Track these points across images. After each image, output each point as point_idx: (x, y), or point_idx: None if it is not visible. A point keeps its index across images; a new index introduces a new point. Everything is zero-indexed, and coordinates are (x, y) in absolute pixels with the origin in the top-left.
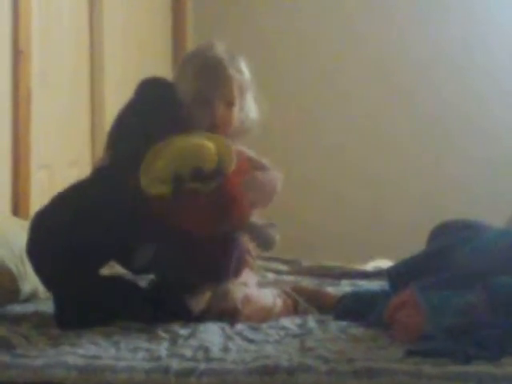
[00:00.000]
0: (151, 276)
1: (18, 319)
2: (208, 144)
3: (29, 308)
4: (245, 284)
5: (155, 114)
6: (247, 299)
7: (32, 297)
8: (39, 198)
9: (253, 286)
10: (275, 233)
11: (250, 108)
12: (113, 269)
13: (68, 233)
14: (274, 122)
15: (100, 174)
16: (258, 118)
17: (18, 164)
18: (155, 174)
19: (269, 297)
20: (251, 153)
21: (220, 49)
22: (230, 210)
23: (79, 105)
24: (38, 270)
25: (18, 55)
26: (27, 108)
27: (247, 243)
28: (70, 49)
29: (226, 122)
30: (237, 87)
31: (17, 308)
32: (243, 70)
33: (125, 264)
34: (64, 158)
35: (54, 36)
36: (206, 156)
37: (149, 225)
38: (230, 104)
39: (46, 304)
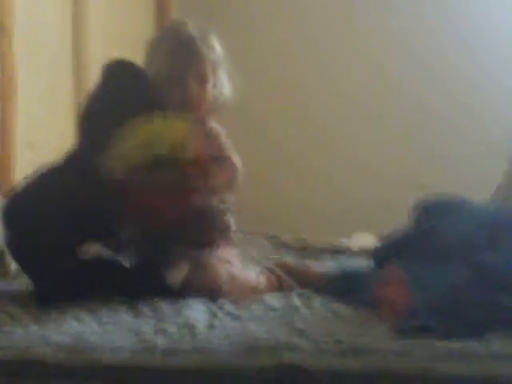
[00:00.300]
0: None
1: (2, 297)
2: (168, 131)
3: (14, 286)
4: (228, 261)
5: (122, 98)
6: (230, 276)
7: (18, 275)
8: (23, 174)
9: (236, 264)
10: (230, 218)
11: (223, 84)
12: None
13: (45, 220)
14: (259, 100)
15: (71, 159)
16: (231, 94)
17: (2, 143)
18: (119, 155)
19: (252, 273)
20: (221, 132)
21: (191, 26)
22: (184, 199)
23: (63, 80)
24: (18, 258)
25: (1, 32)
26: (12, 85)
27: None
28: (53, 24)
29: (199, 99)
30: (209, 64)
31: (2, 285)
32: (215, 47)
33: (105, 243)
34: (48, 134)
35: (37, 12)
36: (165, 144)
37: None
38: (203, 81)
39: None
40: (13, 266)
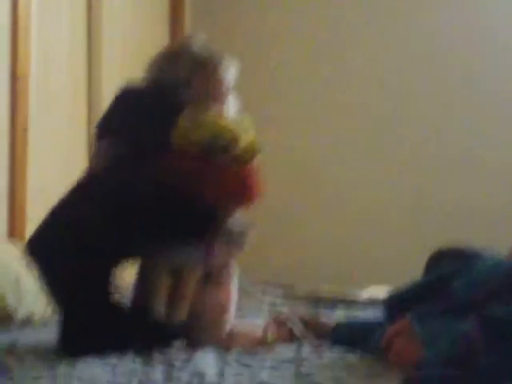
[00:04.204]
0: None
1: (13, 343)
2: (243, 132)
3: (24, 332)
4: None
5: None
6: (237, 332)
7: (27, 322)
8: (35, 223)
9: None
10: (249, 233)
11: (231, 106)
12: None
13: (83, 229)
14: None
15: (123, 162)
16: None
17: (14, 190)
18: (193, 138)
19: (259, 326)
20: None
21: (209, 47)
22: (247, 191)
23: (77, 131)
24: (45, 269)
25: (16, 81)
26: (24, 134)
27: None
28: (68, 74)
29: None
30: (226, 85)
31: (12, 332)
32: (231, 69)
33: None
34: (61, 184)
35: (52, 61)
36: (241, 139)
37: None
38: (219, 101)
39: (41, 328)
40: (19, 314)
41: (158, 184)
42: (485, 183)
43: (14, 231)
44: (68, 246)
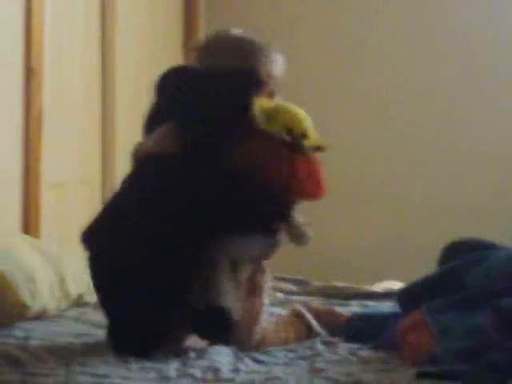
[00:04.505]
0: None
1: (27, 337)
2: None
3: (38, 326)
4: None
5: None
6: (264, 336)
7: (41, 315)
8: (49, 216)
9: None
10: (309, 231)
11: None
12: None
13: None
14: None
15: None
16: None
17: (28, 182)
18: (266, 126)
19: (280, 329)
20: None
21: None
22: (316, 184)
23: (91, 123)
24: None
25: (30, 73)
26: (38, 126)
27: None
28: (81, 66)
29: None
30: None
31: (26, 326)
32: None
33: None
34: (75, 177)
35: (66, 53)
36: (312, 132)
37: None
38: (278, 89)
39: (54, 322)
40: (33, 308)
41: (235, 170)
42: (497, 178)
43: (27, 225)
44: (124, 238)
